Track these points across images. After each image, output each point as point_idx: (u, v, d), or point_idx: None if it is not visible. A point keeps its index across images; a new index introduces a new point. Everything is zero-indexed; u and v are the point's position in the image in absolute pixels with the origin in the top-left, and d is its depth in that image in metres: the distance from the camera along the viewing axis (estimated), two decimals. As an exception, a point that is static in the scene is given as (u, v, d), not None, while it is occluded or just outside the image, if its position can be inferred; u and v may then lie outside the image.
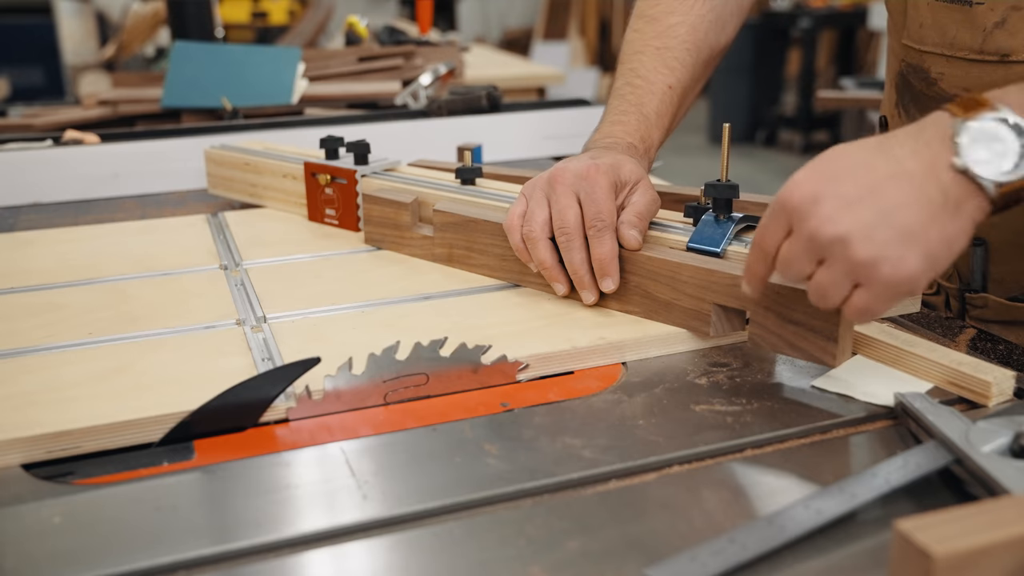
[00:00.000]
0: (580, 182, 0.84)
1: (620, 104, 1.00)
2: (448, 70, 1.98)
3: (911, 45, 0.95)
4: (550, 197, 0.86)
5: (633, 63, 1.02)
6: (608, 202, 0.83)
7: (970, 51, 0.88)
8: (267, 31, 4.55)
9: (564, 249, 0.84)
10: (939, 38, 0.91)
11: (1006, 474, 0.56)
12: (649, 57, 1.01)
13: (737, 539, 0.53)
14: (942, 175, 0.62)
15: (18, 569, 0.53)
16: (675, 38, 1.02)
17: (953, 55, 0.90)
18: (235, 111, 1.74)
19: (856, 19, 6.24)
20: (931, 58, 0.93)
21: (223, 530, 0.57)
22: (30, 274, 1.02)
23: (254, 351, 0.80)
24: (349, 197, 1.13)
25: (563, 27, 8.66)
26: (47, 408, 0.69)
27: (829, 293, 0.65)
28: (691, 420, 0.69)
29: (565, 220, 0.83)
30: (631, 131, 0.96)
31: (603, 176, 0.84)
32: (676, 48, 1.01)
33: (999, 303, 0.95)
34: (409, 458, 0.65)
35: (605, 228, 0.82)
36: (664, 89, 0.99)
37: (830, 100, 4.01)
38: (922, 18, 0.92)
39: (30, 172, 1.41)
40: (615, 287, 0.83)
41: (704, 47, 1.03)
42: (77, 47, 5.09)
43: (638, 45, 1.03)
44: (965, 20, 0.87)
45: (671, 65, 1.00)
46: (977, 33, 0.87)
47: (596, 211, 0.83)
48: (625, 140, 0.95)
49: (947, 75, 0.91)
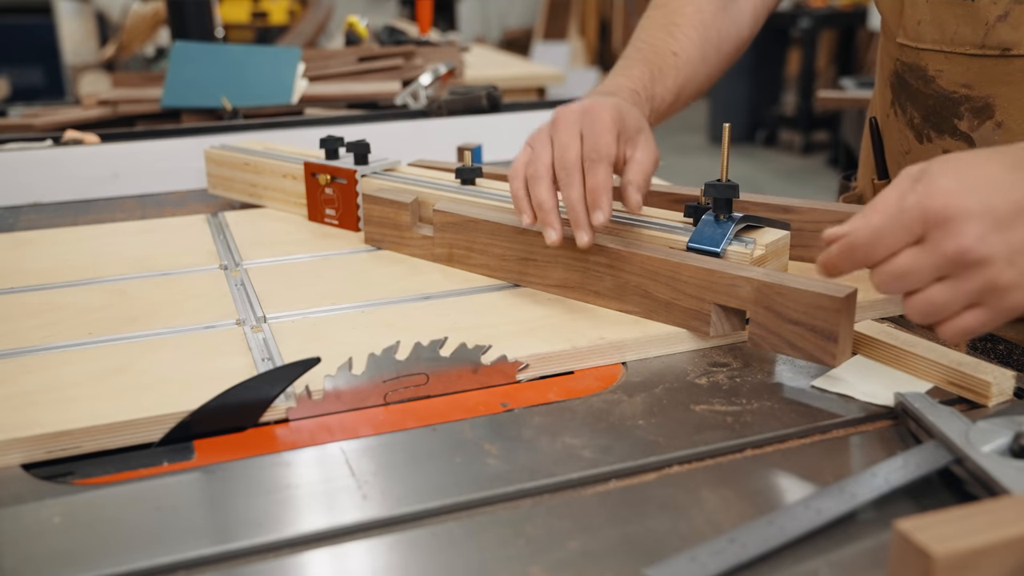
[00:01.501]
0: (583, 118, 0.83)
1: (624, 62, 1.02)
2: (448, 70, 1.98)
3: (907, 43, 0.95)
4: (553, 136, 0.84)
5: (640, 35, 1.06)
6: (607, 135, 0.81)
7: (971, 46, 0.88)
8: (267, 31, 4.55)
9: (563, 185, 0.81)
10: (938, 34, 0.91)
11: (1006, 474, 0.56)
12: (655, 31, 1.05)
13: (737, 539, 0.53)
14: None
15: (18, 569, 0.53)
16: (681, 16, 1.05)
17: (953, 51, 0.90)
18: (235, 111, 1.74)
19: (856, 19, 6.24)
20: (929, 55, 0.93)
21: (223, 530, 0.57)
22: (30, 274, 1.02)
23: (254, 351, 0.80)
24: (349, 197, 1.13)
25: (563, 27, 8.66)
26: (47, 408, 0.69)
27: (940, 311, 0.61)
28: (691, 420, 0.69)
29: (566, 156, 0.81)
30: (635, 80, 0.97)
31: (606, 112, 0.83)
32: (682, 24, 1.04)
33: None
34: (409, 458, 0.65)
35: (600, 160, 0.80)
36: (668, 53, 1.01)
37: (830, 100, 4.01)
38: (920, 15, 0.92)
39: (30, 172, 1.41)
40: (605, 220, 0.79)
41: (711, 27, 1.05)
42: (77, 47, 5.09)
43: (646, 24, 1.07)
44: (966, 15, 0.87)
45: (676, 36, 1.03)
46: (979, 27, 0.87)
47: (593, 143, 0.81)
48: (628, 87, 0.96)
49: (946, 72, 0.91)
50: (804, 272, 0.77)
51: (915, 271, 0.61)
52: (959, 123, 0.92)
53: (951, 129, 0.93)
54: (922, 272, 0.60)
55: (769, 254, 0.84)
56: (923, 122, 0.96)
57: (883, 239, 0.61)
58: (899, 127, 1.01)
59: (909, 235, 0.60)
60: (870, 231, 0.61)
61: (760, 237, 0.84)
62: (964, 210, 0.58)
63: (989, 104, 0.89)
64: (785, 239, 0.87)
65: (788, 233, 0.87)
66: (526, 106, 1.80)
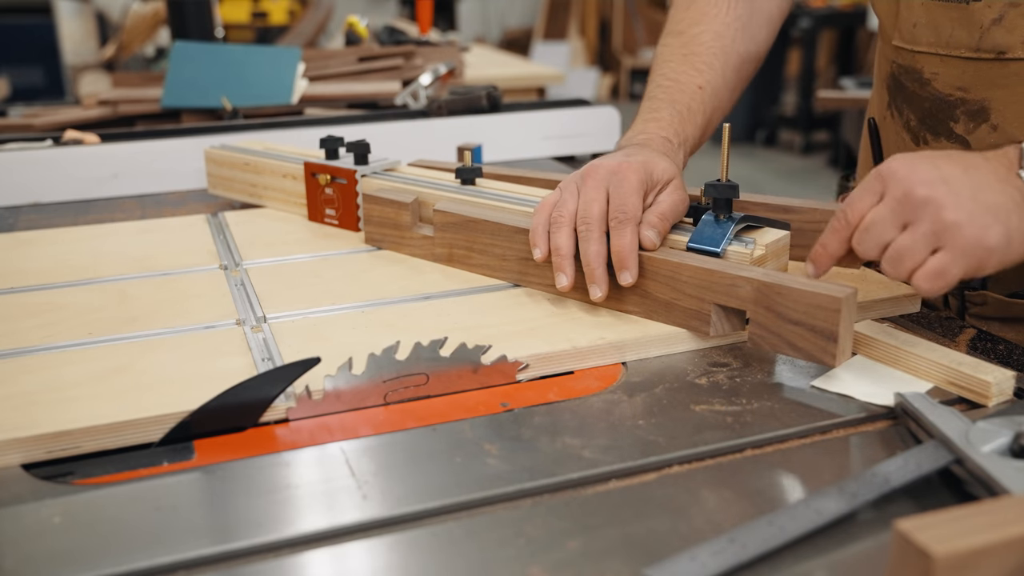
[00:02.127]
0: (611, 177, 0.85)
1: (652, 104, 1.01)
2: (448, 70, 1.98)
3: (903, 46, 0.95)
4: (580, 189, 0.86)
5: (663, 69, 1.04)
6: (633, 197, 0.83)
7: (966, 49, 0.88)
8: (267, 31, 4.55)
9: (582, 239, 0.83)
10: (933, 37, 0.91)
11: (1006, 474, 0.56)
12: (677, 63, 1.03)
13: (737, 539, 0.53)
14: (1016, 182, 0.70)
15: (18, 569, 0.53)
16: (701, 44, 1.03)
17: (948, 54, 0.90)
18: (235, 111, 1.74)
19: (856, 19, 6.24)
20: (924, 58, 0.93)
21: (223, 530, 0.57)
22: (30, 274, 1.02)
23: (254, 351, 0.80)
24: (349, 197, 1.13)
25: (563, 27, 8.66)
26: (47, 408, 0.69)
27: (906, 257, 0.69)
28: (691, 420, 0.69)
29: (589, 211, 0.84)
30: (664, 126, 0.97)
31: (633, 173, 0.85)
32: (703, 53, 1.03)
33: (999, 300, 0.95)
34: (409, 458, 0.65)
35: (627, 221, 0.82)
36: (695, 88, 1.00)
37: (830, 100, 4.02)
38: (915, 18, 0.92)
39: (30, 172, 1.41)
40: (633, 281, 0.82)
41: (732, 52, 1.04)
42: (77, 47, 5.09)
43: (666, 55, 1.05)
44: (961, 18, 0.87)
45: (699, 68, 1.02)
46: (974, 31, 0.87)
47: (620, 204, 0.83)
48: (659, 135, 0.96)
49: (941, 75, 0.91)
50: (804, 272, 0.77)
51: (879, 221, 0.71)
52: (955, 126, 0.92)
53: (947, 132, 0.93)
54: (885, 221, 0.70)
55: (769, 254, 0.84)
56: (919, 124, 0.96)
57: (855, 204, 0.72)
58: (896, 129, 1.01)
59: (873, 195, 0.72)
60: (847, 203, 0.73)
61: (760, 237, 0.84)
62: (910, 163, 0.70)
63: (984, 107, 0.89)
64: (785, 239, 0.87)
65: (788, 233, 0.87)
66: (526, 106, 1.80)
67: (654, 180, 0.86)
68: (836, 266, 0.76)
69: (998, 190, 0.69)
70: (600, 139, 1.69)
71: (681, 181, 0.89)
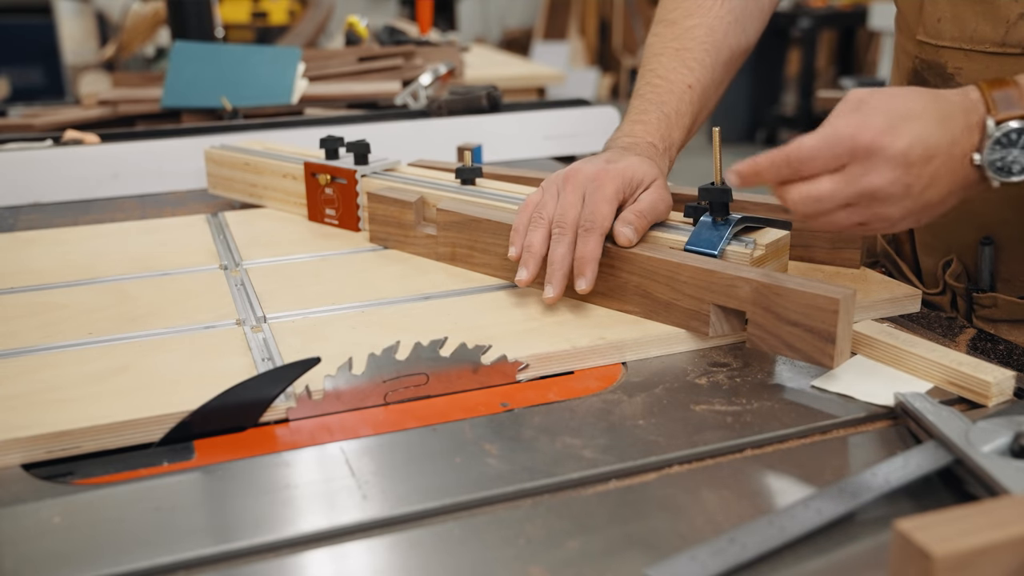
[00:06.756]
0: (589, 184, 0.86)
1: (641, 104, 1.01)
2: (448, 70, 1.98)
3: (927, 41, 0.94)
4: (560, 192, 0.88)
5: (653, 64, 1.03)
6: (605, 206, 0.84)
7: (991, 44, 0.87)
8: (267, 31, 4.54)
9: (554, 241, 0.85)
10: (958, 32, 0.90)
11: (1006, 474, 0.56)
12: (668, 58, 1.02)
13: (737, 539, 0.53)
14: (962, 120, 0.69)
15: (18, 569, 0.53)
16: (693, 39, 1.03)
17: (973, 49, 0.89)
18: (235, 111, 1.74)
19: (856, 19, 6.24)
20: (949, 53, 0.92)
21: (223, 530, 0.57)
22: (30, 274, 1.02)
23: (254, 351, 0.80)
24: (349, 197, 1.13)
25: (563, 27, 8.66)
26: (47, 408, 0.69)
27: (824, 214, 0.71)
28: (691, 420, 0.69)
29: (564, 216, 0.85)
30: (651, 130, 0.97)
31: (611, 181, 0.86)
32: (695, 49, 1.02)
33: (1009, 302, 0.95)
34: (409, 458, 0.65)
35: (593, 229, 0.84)
36: (684, 88, 1.00)
37: (830, 100, 4.01)
38: (940, 12, 0.92)
39: (30, 172, 1.41)
40: (588, 288, 0.83)
41: (724, 48, 1.03)
42: (77, 47, 5.10)
43: (657, 48, 1.04)
44: (987, 12, 0.87)
45: (690, 65, 1.01)
46: (1000, 25, 0.86)
47: (590, 212, 0.84)
48: (645, 139, 0.96)
49: (966, 70, 0.91)
50: (804, 272, 0.77)
51: (831, 198, 0.70)
52: None
53: None
54: (836, 202, 0.70)
55: (769, 254, 0.84)
56: None
57: (815, 160, 0.69)
58: None
59: (836, 162, 0.69)
60: (807, 149, 0.69)
61: (760, 237, 0.84)
62: (885, 151, 0.67)
63: None
64: (785, 239, 0.87)
65: (788, 233, 0.87)
66: (526, 106, 1.80)
67: (633, 186, 0.87)
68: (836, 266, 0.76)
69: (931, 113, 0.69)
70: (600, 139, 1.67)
71: (663, 182, 0.90)
